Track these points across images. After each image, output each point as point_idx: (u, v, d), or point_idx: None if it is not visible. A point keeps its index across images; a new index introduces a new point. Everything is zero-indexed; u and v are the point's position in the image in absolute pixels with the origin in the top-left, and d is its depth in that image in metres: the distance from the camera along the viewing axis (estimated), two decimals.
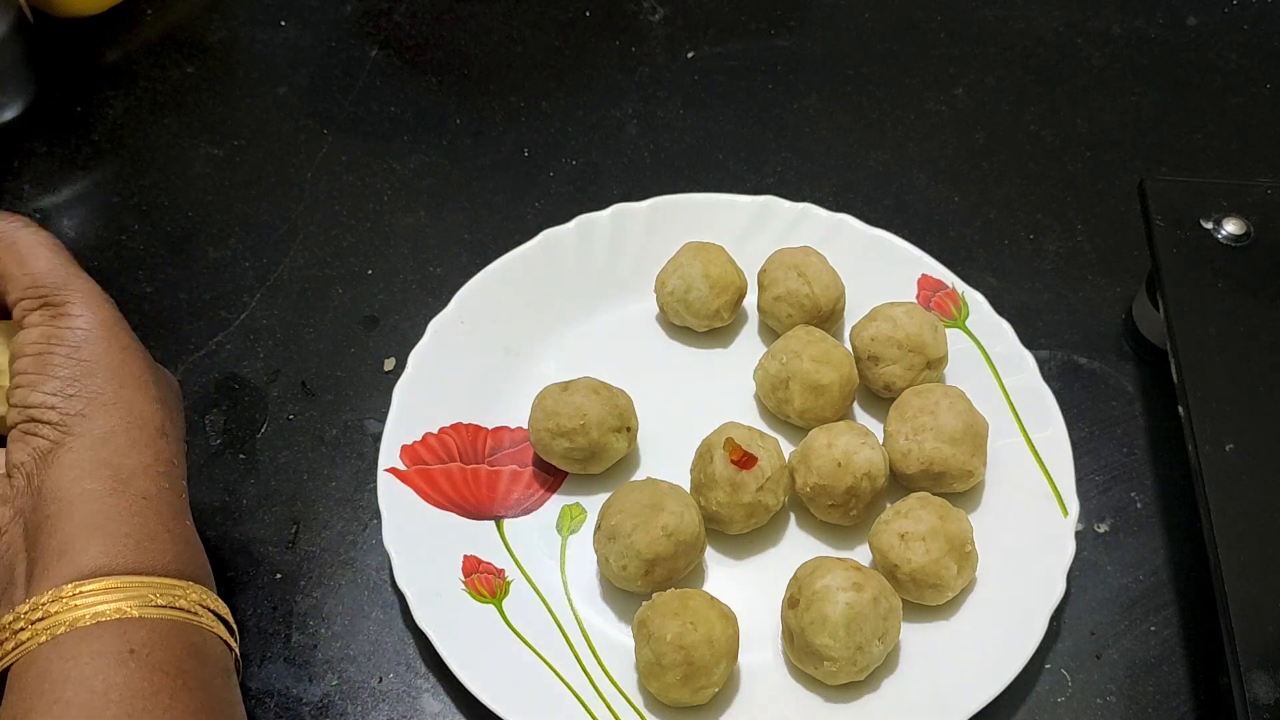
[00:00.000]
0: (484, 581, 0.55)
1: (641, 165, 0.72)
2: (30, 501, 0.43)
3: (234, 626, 0.46)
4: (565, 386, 0.57)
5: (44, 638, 0.40)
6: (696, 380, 0.62)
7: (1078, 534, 0.55)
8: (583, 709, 0.51)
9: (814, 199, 0.66)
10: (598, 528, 0.54)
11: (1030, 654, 0.51)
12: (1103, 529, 0.58)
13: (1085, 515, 0.58)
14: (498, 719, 0.50)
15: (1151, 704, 0.53)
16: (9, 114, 0.72)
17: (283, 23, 0.79)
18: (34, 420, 0.43)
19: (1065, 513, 0.55)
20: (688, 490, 0.55)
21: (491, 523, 0.57)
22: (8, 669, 0.41)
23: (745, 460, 0.53)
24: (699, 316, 0.62)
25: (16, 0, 0.71)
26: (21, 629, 0.40)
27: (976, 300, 0.62)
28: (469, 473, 0.58)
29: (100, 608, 0.40)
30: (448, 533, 0.56)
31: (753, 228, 0.65)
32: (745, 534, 0.56)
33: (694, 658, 0.49)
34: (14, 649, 0.40)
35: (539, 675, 0.52)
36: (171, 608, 0.42)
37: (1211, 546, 0.49)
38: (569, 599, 0.55)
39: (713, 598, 0.51)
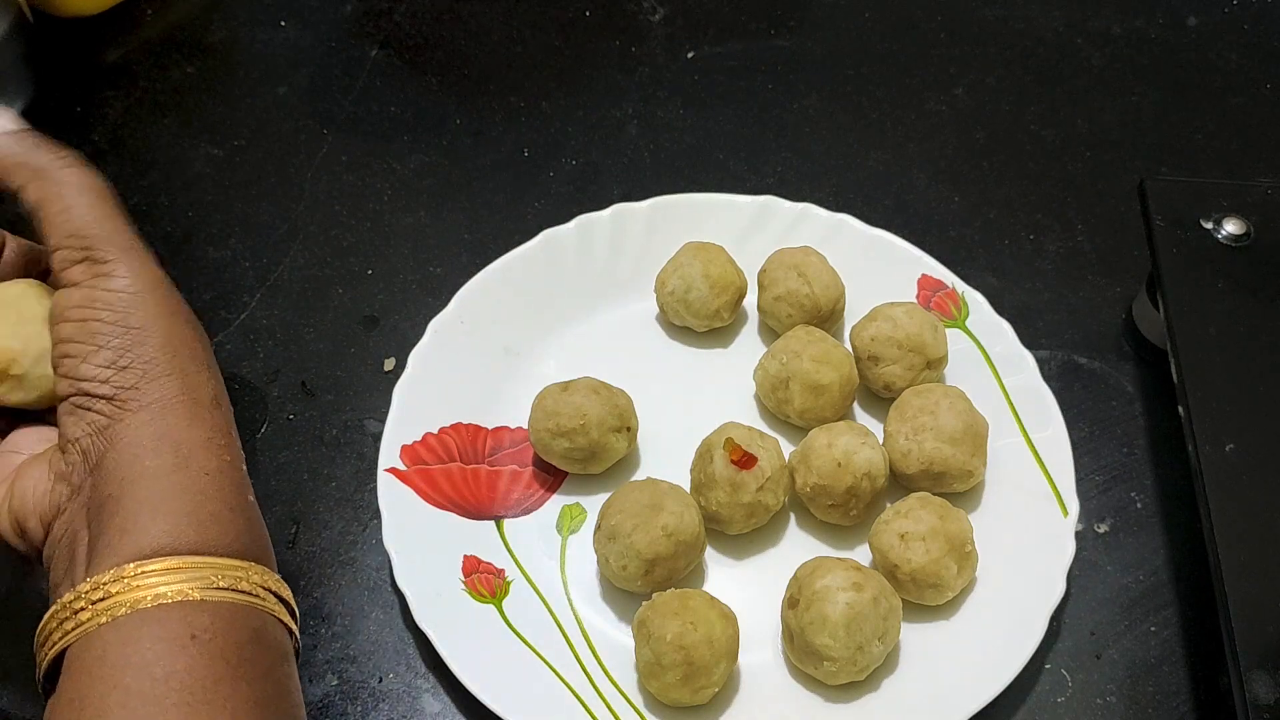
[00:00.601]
0: (484, 581, 0.55)
1: (641, 165, 0.72)
2: (89, 479, 0.41)
3: (295, 608, 0.44)
4: (565, 386, 0.57)
5: (104, 619, 0.38)
6: (696, 380, 0.62)
7: (1078, 534, 0.55)
8: (583, 709, 0.51)
9: (814, 199, 0.66)
10: (598, 528, 0.54)
11: (1030, 654, 0.51)
12: (1103, 529, 0.58)
13: (1085, 515, 0.58)
14: (498, 719, 0.50)
15: (1151, 704, 0.53)
16: None
17: (283, 23, 0.79)
18: (86, 394, 0.41)
19: (1065, 513, 0.55)
20: (688, 490, 0.55)
21: (491, 523, 0.57)
22: (65, 650, 0.39)
23: (745, 460, 0.53)
24: (699, 316, 0.62)
25: (16, 0, 0.71)
26: (81, 609, 0.39)
27: (976, 300, 0.62)
28: (469, 473, 0.58)
29: (162, 589, 0.39)
30: (448, 533, 0.56)
31: (753, 228, 0.65)
32: (745, 534, 0.56)
33: (694, 658, 0.49)
34: (74, 629, 0.39)
35: (539, 675, 0.52)
36: (234, 590, 0.40)
37: (1211, 546, 0.49)
38: (569, 599, 0.55)
39: (713, 598, 0.51)
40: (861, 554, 0.56)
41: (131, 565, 0.39)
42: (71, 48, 0.76)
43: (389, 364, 0.63)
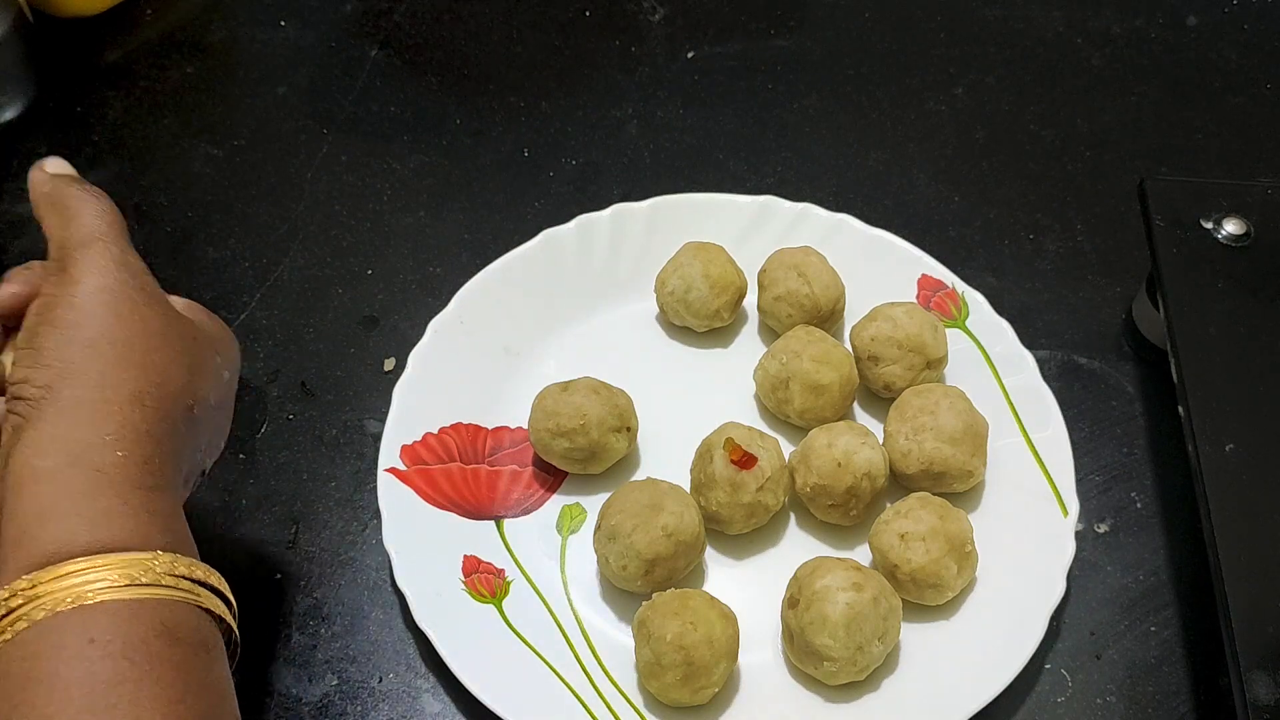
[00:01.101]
0: (484, 581, 0.55)
1: (641, 165, 0.72)
2: (1, 485, 0.41)
3: (223, 590, 0.43)
4: (565, 386, 0.57)
5: (8, 635, 0.38)
6: (696, 380, 0.62)
7: (1078, 534, 0.55)
8: (583, 709, 0.51)
9: (814, 199, 0.66)
10: (598, 528, 0.54)
11: (1030, 654, 0.51)
12: (1103, 529, 0.58)
13: (1085, 515, 0.58)
14: (498, 719, 0.50)
15: (1151, 704, 0.53)
16: (9, 114, 0.72)
17: (283, 23, 0.79)
18: (17, 398, 0.42)
19: (1065, 513, 0.55)
20: (688, 490, 0.55)
21: (491, 523, 0.57)
22: None
23: (745, 460, 0.53)
24: (699, 316, 0.62)
25: (16, 0, 0.71)
26: None
27: (976, 300, 0.62)
28: (469, 473, 0.58)
29: (57, 596, 0.38)
30: (448, 533, 0.56)
31: (753, 228, 0.65)
32: (745, 534, 0.56)
33: (694, 658, 0.49)
34: None
35: (539, 675, 0.52)
36: (134, 585, 0.39)
37: (1211, 546, 0.49)
38: (569, 599, 0.55)
39: (713, 598, 0.51)
40: (861, 554, 0.56)
41: (24, 580, 0.38)
42: (71, 48, 0.76)
43: (389, 364, 0.63)
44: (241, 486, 0.59)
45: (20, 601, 0.38)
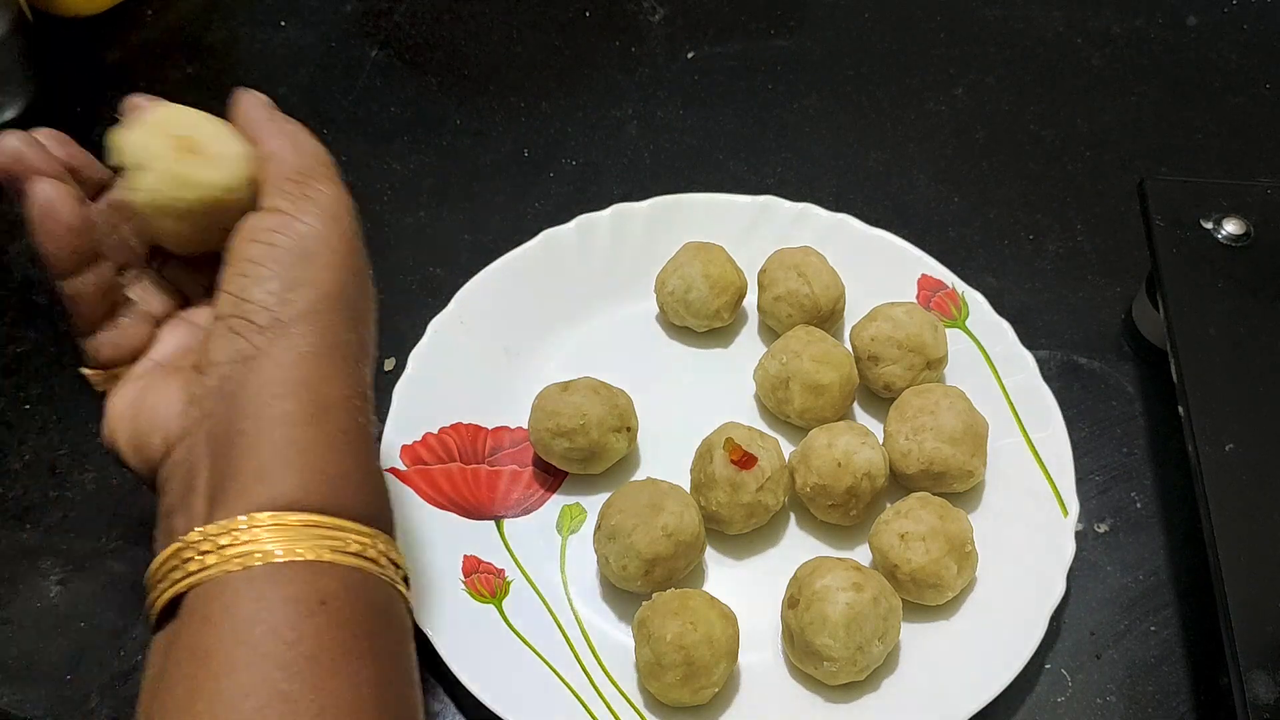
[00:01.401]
0: (484, 581, 0.55)
1: (641, 165, 0.72)
2: (221, 407, 0.39)
3: (410, 583, 0.42)
4: (565, 386, 0.57)
5: (234, 566, 0.37)
6: (696, 380, 0.62)
7: (1078, 534, 0.55)
8: (583, 709, 0.51)
9: (814, 199, 0.66)
10: (598, 528, 0.54)
11: (1030, 654, 0.51)
12: (1103, 529, 0.58)
13: (1085, 515, 0.58)
14: (498, 719, 0.50)
15: (1151, 704, 0.53)
16: (9, 114, 0.72)
17: (283, 23, 0.79)
18: (244, 319, 0.40)
19: (1065, 513, 0.55)
20: (688, 490, 0.55)
21: (491, 523, 0.57)
22: (183, 592, 0.38)
23: (745, 460, 0.53)
24: (699, 316, 0.62)
25: (16, 0, 0.71)
26: (208, 551, 0.37)
27: (976, 300, 0.62)
28: (469, 473, 0.58)
29: (295, 545, 0.37)
30: (448, 533, 0.56)
31: (753, 228, 0.65)
32: (745, 534, 0.56)
33: (694, 658, 0.49)
34: (198, 570, 0.37)
35: (539, 675, 0.52)
36: (361, 556, 0.39)
37: (1211, 546, 0.49)
38: (569, 599, 0.55)
39: (713, 598, 0.51)
40: (861, 554, 0.56)
41: (265, 515, 0.37)
42: (71, 48, 0.76)
43: (389, 364, 0.63)
44: None
45: (251, 538, 0.37)
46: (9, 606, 0.55)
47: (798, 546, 0.57)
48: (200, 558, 0.37)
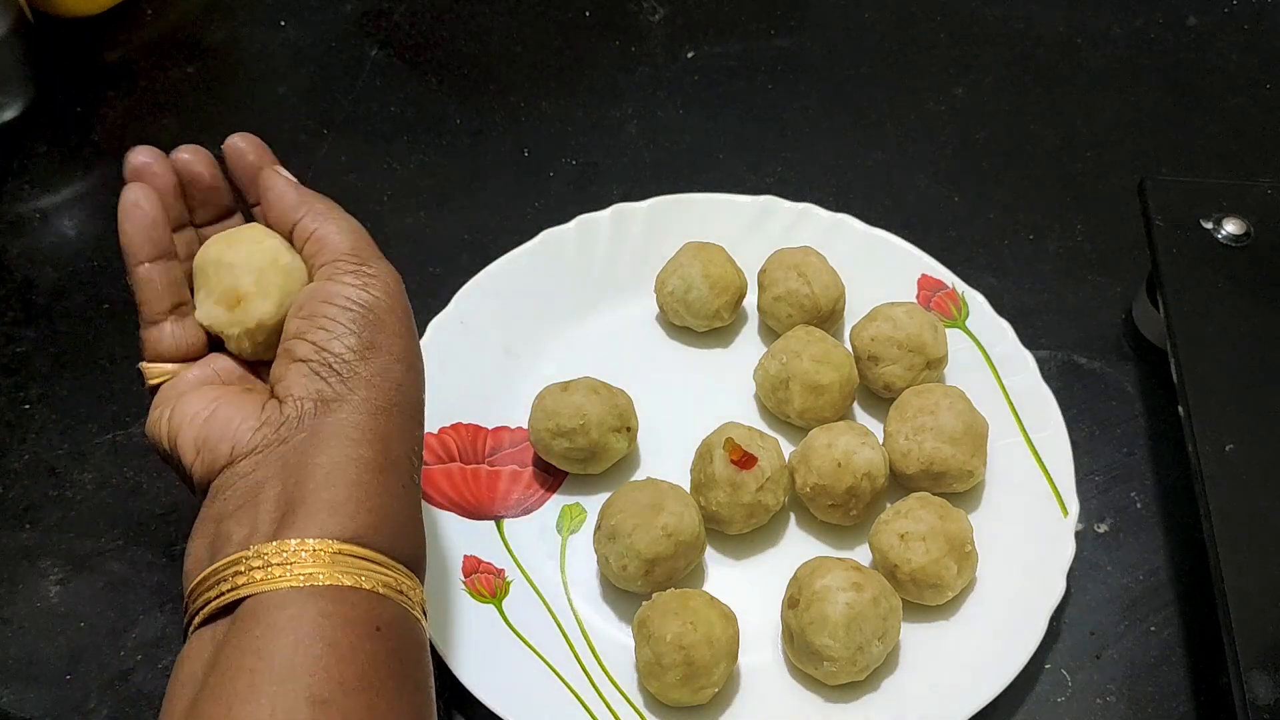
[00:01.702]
0: (484, 581, 0.55)
1: (641, 165, 0.72)
2: (300, 436, 0.43)
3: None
4: (565, 386, 0.57)
5: (299, 581, 0.40)
6: (696, 380, 0.62)
7: (1078, 534, 0.55)
8: (583, 709, 0.51)
9: (814, 199, 0.66)
10: (598, 528, 0.54)
11: (1030, 654, 0.51)
12: (1103, 529, 0.58)
13: (1085, 515, 0.58)
14: (498, 719, 0.50)
15: (1151, 704, 0.53)
16: (9, 114, 0.72)
17: (283, 23, 0.79)
18: (327, 366, 0.44)
19: (1065, 513, 0.55)
20: (688, 490, 0.55)
21: (491, 523, 0.57)
22: (242, 595, 0.41)
23: (745, 460, 0.53)
24: (699, 316, 0.62)
25: (16, 0, 0.71)
26: (277, 563, 0.40)
27: (976, 300, 0.62)
28: (469, 473, 0.58)
29: (357, 574, 0.41)
30: (448, 533, 0.56)
31: (753, 228, 0.65)
32: (745, 534, 0.56)
33: (694, 658, 0.49)
34: (262, 579, 0.40)
35: (539, 675, 0.52)
36: (406, 596, 0.42)
37: (1211, 546, 0.49)
38: (569, 599, 0.55)
39: (713, 598, 0.51)
40: (861, 554, 0.56)
41: (334, 542, 0.41)
42: (71, 48, 0.76)
43: None
44: None
45: (318, 561, 0.40)
46: (9, 606, 0.55)
47: (798, 546, 0.57)
48: (267, 568, 0.40)
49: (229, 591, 0.40)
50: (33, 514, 0.58)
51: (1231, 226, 0.58)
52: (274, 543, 0.40)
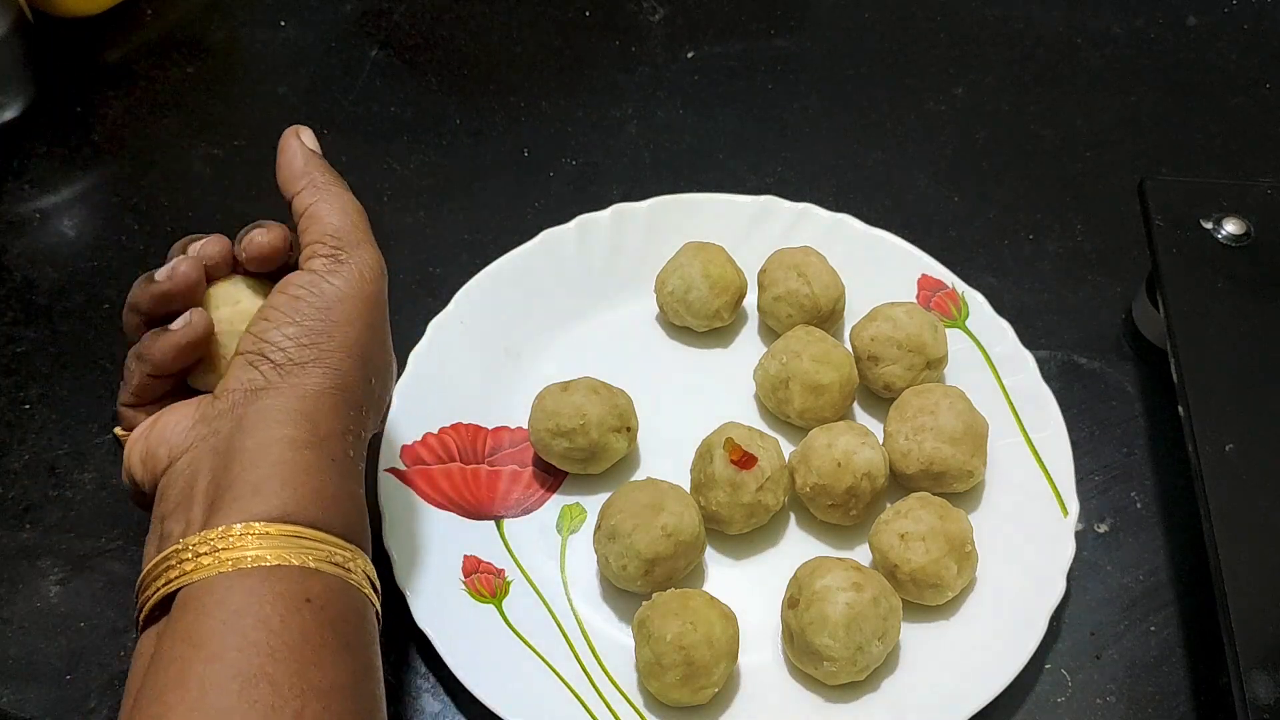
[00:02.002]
0: (484, 581, 0.55)
1: (641, 165, 0.72)
2: (227, 425, 0.44)
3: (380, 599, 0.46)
4: (565, 386, 0.57)
5: (227, 567, 0.40)
6: (696, 380, 0.62)
7: (1078, 534, 0.55)
8: (583, 709, 0.51)
9: (814, 199, 0.66)
10: (598, 528, 0.54)
11: (1030, 654, 0.51)
12: (1103, 529, 0.58)
13: (1085, 515, 0.58)
14: (498, 719, 0.50)
15: (1151, 704, 0.53)
16: (9, 114, 0.72)
17: (283, 23, 0.79)
18: (262, 355, 0.45)
19: (1065, 513, 0.55)
20: (688, 490, 0.55)
21: (491, 523, 0.57)
22: (177, 589, 0.41)
23: (745, 460, 0.53)
24: (699, 316, 0.62)
25: (16, 0, 0.71)
26: (205, 552, 0.41)
27: (976, 300, 0.62)
28: (469, 473, 0.58)
29: (284, 551, 0.41)
30: (448, 533, 0.56)
31: (753, 228, 0.65)
32: (745, 534, 0.56)
33: (694, 658, 0.49)
34: (193, 570, 0.41)
35: (539, 675, 0.52)
36: (342, 568, 0.43)
37: (1211, 546, 0.49)
38: (569, 599, 0.55)
39: (713, 598, 0.51)
40: (861, 554, 0.56)
41: (259, 524, 0.41)
42: (71, 48, 0.76)
43: None
44: None
45: (246, 543, 0.41)
46: (9, 606, 0.55)
47: (798, 546, 0.57)
48: (196, 559, 0.41)
49: (163, 587, 0.41)
50: (33, 514, 0.58)
51: (1231, 226, 0.58)
52: (200, 534, 0.41)
